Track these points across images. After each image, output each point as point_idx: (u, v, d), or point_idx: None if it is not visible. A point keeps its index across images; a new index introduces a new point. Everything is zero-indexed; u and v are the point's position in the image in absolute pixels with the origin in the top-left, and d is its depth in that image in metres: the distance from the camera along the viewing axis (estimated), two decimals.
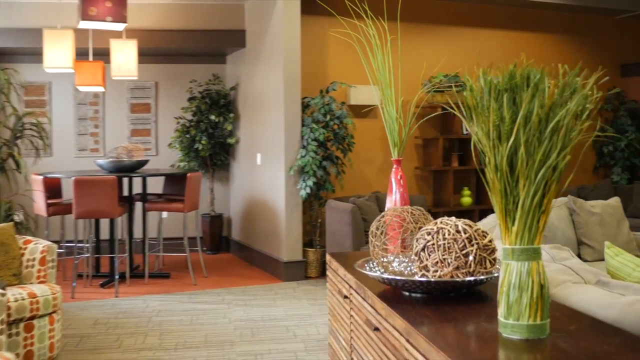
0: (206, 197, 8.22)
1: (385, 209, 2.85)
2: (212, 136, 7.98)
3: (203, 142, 7.85)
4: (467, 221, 2.18)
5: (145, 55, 7.74)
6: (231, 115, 7.97)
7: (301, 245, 6.73)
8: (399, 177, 2.81)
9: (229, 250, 8.40)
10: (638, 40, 8.79)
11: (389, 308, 2.03)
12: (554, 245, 2.62)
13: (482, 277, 2.09)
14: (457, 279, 2.07)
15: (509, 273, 1.72)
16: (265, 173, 7.16)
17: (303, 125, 6.66)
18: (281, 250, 6.73)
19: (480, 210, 7.67)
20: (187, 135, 7.94)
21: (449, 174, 7.47)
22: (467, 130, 7.50)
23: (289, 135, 6.59)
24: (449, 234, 2.13)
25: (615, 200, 5.03)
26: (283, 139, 6.60)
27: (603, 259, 3.80)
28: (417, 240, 2.20)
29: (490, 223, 4.11)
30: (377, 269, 2.39)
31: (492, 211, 7.97)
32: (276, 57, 6.75)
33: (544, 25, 8.28)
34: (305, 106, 6.77)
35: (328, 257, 3.02)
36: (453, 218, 2.19)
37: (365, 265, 2.43)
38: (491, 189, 1.72)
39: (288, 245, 6.65)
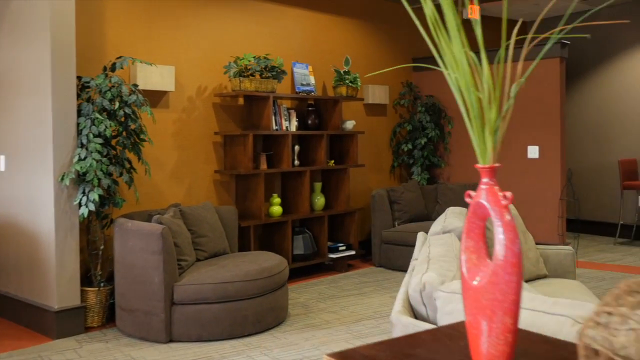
0: None
1: (463, 251, 1.43)
2: None
3: None
4: None
5: None
6: None
7: (79, 285, 4.78)
8: (501, 199, 1.42)
9: None
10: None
11: None
12: None
13: None
14: None
15: None
16: (16, 183, 5.01)
17: (80, 115, 4.72)
18: (49, 294, 4.70)
19: (292, 221, 6.43)
20: None
21: (259, 178, 6.05)
22: (277, 124, 6.20)
23: (60, 129, 4.61)
24: None
25: (511, 208, 4.18)
26: (51, 135, 4.59)
27: None
28: None
29: (422, 245, 2.84)
30: None
31: (301, 223, 6.75)
32: (35, 22, 4.69)
33: (347, 9, 7.35)
34: (81, 89, 4.83)
35: None
36: None
37: None
38: None
39: (61, 286, 4.65)
